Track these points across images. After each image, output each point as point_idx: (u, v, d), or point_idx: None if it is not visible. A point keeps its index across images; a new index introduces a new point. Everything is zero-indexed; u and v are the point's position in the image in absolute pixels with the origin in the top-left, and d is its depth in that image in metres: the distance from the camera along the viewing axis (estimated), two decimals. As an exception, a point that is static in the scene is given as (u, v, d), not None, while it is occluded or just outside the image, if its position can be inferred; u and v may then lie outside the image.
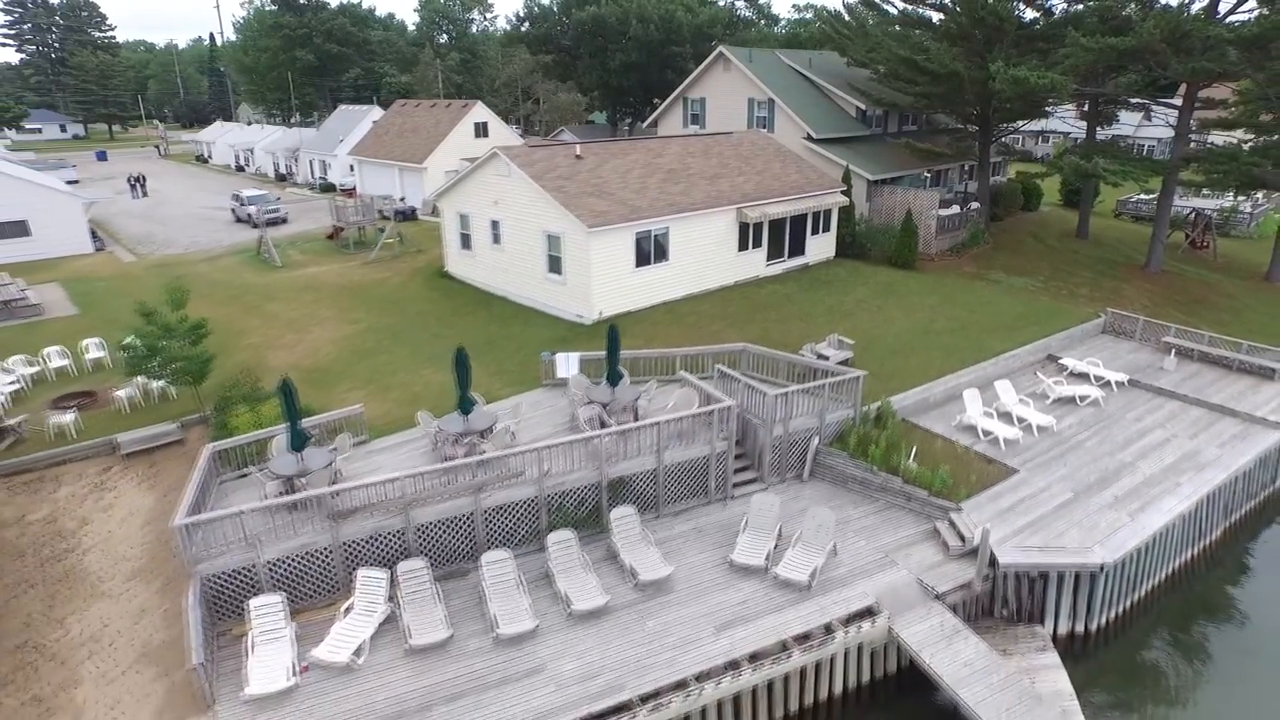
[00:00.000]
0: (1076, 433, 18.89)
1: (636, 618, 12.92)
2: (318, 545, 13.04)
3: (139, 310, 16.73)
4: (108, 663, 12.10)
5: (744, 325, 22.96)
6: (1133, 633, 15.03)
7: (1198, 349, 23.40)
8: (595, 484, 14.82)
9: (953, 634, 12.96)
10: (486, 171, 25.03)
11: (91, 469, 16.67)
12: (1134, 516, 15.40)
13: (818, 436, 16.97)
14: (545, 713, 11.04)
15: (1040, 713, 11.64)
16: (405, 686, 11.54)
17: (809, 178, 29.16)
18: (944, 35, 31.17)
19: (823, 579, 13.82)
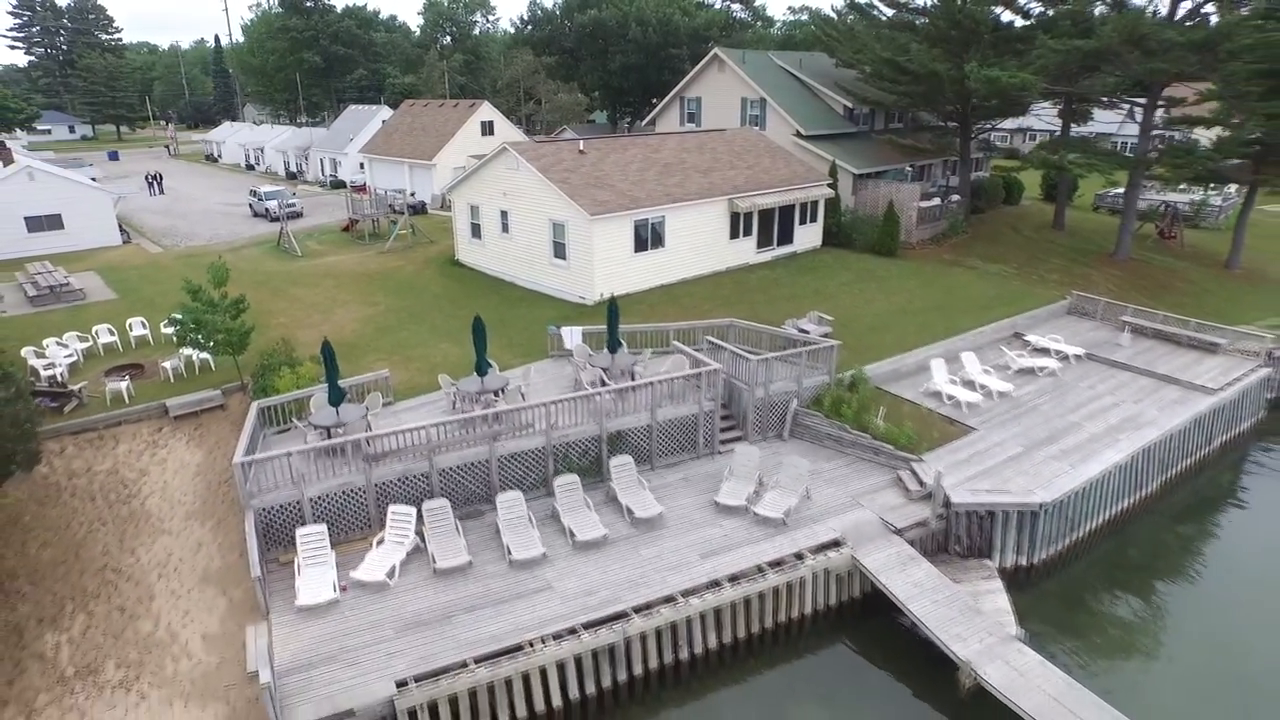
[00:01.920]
0: (1033, 398, 20.83)
1: (631, 548, 14.85)
2: (354, 485, 14.97)
3: (186, 288, 18.65)
4: (175, 583, 14.03)
5: (734, 305, 24.86)
6: (1072, 567, 16.92)
7: (1151, 326, 25.34)
8: (596, 437, 16.75)
9: (907, 561, 14.87)
10: (496, 165, 26.97)
11: (145, 429, 18.61)
12: (1074, 466, 17.32)
13: (796, 399, 18.89)
14: (551, 619, 12.96)
15: (978, 622, 13.55)
16: (430, 601, 13.47)
17: (797, 172, 31.09)
18: (925, 37, 33.05)
19: (796, 517, 15.73)
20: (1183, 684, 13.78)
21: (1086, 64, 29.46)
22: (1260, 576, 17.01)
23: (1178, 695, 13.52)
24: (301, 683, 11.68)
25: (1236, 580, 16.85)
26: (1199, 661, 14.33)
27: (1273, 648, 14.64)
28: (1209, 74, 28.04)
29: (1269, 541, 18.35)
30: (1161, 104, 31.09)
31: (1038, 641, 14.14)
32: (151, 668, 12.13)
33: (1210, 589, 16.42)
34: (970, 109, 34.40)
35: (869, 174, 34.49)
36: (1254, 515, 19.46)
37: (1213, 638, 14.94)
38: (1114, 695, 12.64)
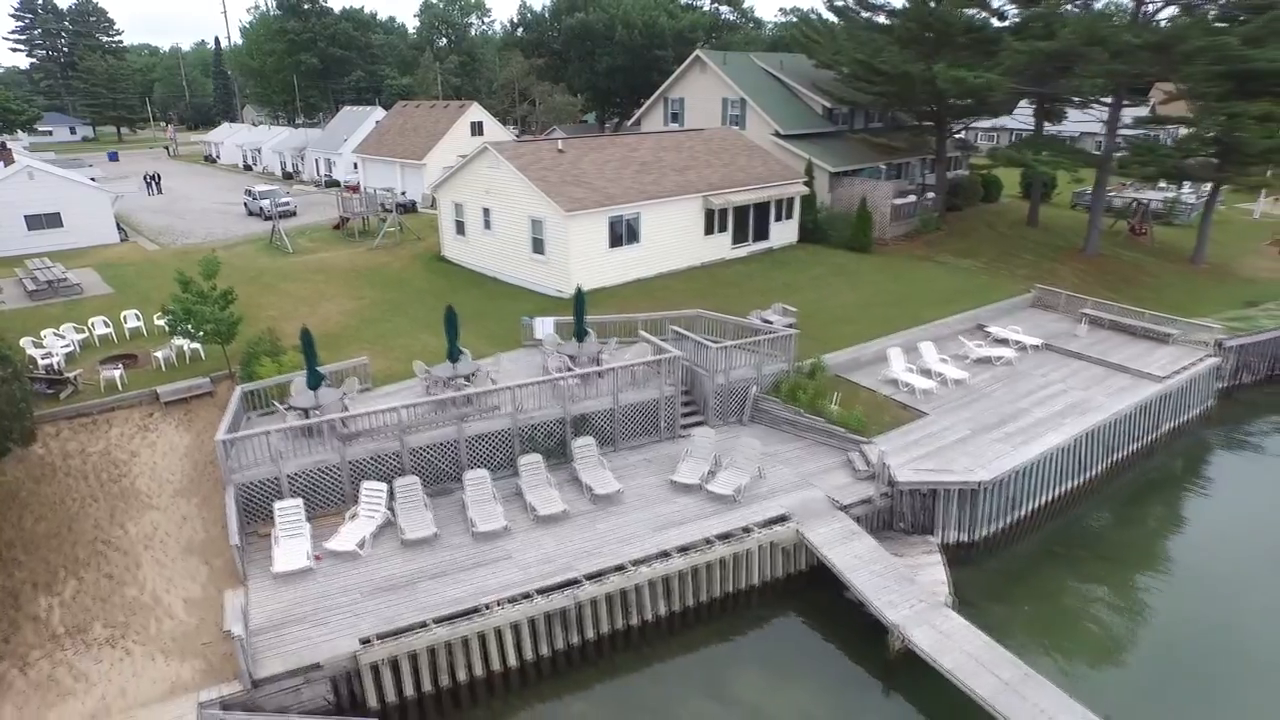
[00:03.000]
0: (986, 385, 21.75)
1: (589, 522, 15.79)
2: (330, 462, 15.93)
3: (178, 279, 19.63)
4: (161, 554, 14.98)
5: (706, 298, 25.77)
6: (1014, 544, 17.83)
7: (1108, 318, 26.24)
8: (560, 419, 17.69)
9: (850, 535, 15.79)
10: (478, 164, 27.93)
11: (137, 414, 19.57)
12: (1016, 448, 18.23)
13: (756, 385, 19.82)
14: (509, 585, 13.91)
15: (911, 591, 14.44)
16: (398, 569, 14.42)
17: (773, 170, 32.01)
18: (897, 39, 33.95)
19: (748, 495, 16.66)
20: (1103, 649, 14.69)
21: (1054, 65, 30.30)
22: (1190, 554, 17.91)
23: (1097, 657, 14.43)
24: (273, 640, 12.64)
25: (1167, 557, 17.79)
26: (1121, 630, 15.25)
27: (1193, 619, 15.53)
28: (1170, 75, 28.97)
29: (1205, 521, 19.26)
30: (1126, 103, 31.98)
31: (972, 611, 15.02)
32: (136, 627, 13.09)
33: (1142, 565, 17.30)
34: (945, 109, 35.29)
35: (845, 172, 35.40)
36: (1193, 497, 20.37)
37: (1136, 609, 15.89)
38: (1036, 657, 13.62)
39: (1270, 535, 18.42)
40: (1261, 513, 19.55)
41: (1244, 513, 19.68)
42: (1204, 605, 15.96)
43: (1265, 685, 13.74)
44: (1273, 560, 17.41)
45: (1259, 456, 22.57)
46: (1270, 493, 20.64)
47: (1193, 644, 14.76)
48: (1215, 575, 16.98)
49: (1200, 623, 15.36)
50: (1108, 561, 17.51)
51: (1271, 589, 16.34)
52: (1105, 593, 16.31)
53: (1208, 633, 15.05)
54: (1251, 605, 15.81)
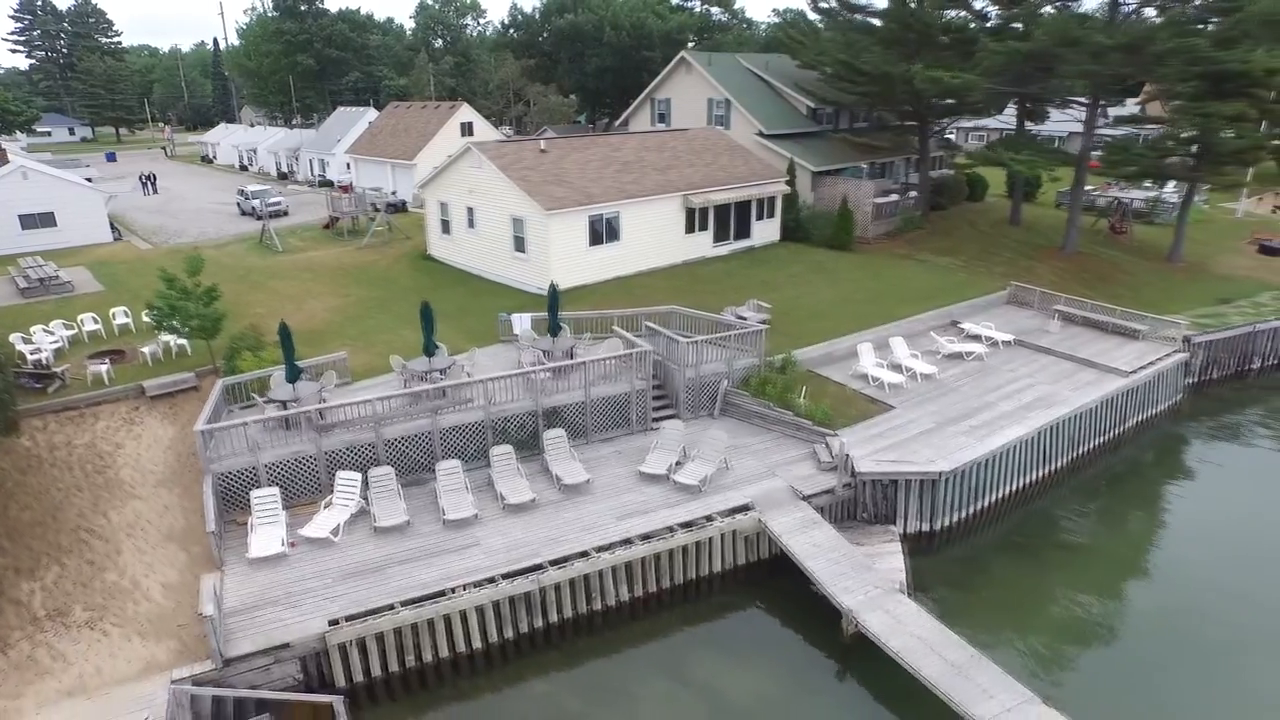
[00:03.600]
0: (955, 380, 22.20)
1: (556, 510, 16.27)
2: (306, 453, 16.42)
3: (162, 276, 20.12)
4: (141, 541, 15.47)
5: (684, 295, 26.21)
6: (975, 534, 18.29)
7: (1081, 314, 26.69)
8: (533, 412, 18.18)
9: (810, 524, 16.25)
10: (462, 164, 28.42)
11: (123, 408, 20.06)
12: (979, 440, 18.69)
13: (726, 380, 20.28)
14: (475, 570, 14.39)
15: (867, 577, 14.88)
16: (370, 555, 14.91)
17: (754, 169, 32.47)
18: (879, 40, 34.40)
19: (713, 485, 17.12)
20: (1054, 634, 15.12)
21: (1032, 66, 30.71)
22: (1149, 544, 18.37)
23: (1047, 641, 14.86)
24: (246, 621, 13.13)
25: (1126, 546, 18.19)
26: (1073, 615, 15.69)
27: (1145, 606, 15.99)
28: (1145, 76, 29.41)
29: (1166, 513, 19.74)
30: (1104, 103, 32.41)
31: (929, 597, 15.54)
32: (114, 610, 13.58)
33: (1100, 554, 17.75)
34: (926, 109, 35.74)
35: (828, 171, 35.85)
36: (1157, 490, 20.83)
37: (1090, 596, 16.29)
38: (988, 641, 14.08)
39: (1230, 526, 18.88)
40: (1223, 504, 20.00)
41: (1206, 504, 20.13)
42: (1157, 593, 16.45)
43: (1210, 670, 14.17)
44: (1230, 549, 17.83)
45: (1224, 450, 22.98)
46: (1233, 485, 21.06)
47: (1142, 630, 15.20)
48: (1172, 564, 17.46)
49: (1152, 610, 15.82)
50: (1067, 551, 17.98)
51: (1227, 577, 16.74)
52: (1061, 580, 16.73)
53: (1158, 619, 15.50)
54: (1206, 593, 16.21)
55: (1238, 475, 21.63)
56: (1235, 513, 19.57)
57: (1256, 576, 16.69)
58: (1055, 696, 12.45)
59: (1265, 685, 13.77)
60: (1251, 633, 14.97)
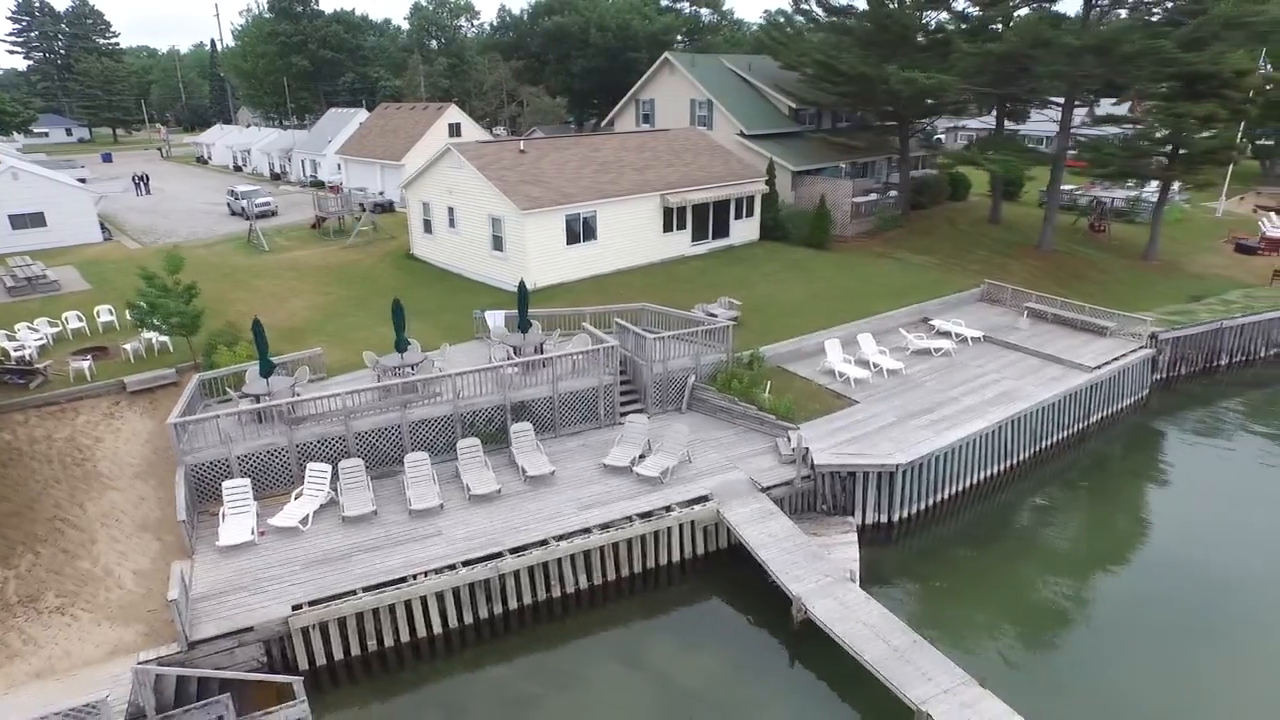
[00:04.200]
0: (922, 375, 22.62)
1: (520, 501, 16.72)
2: (278, 445, 16.88)
3: (141, 274, 20.59)
4: (116, 531, 15.93)
5: (659, 293, 26.65)
6: (934, 525, 18.69)
7: (1051, 311, 27.11)
8: (501, 406, 18.63)
9: (767, 515, 16.68)
10: (442, 165, 28.88)
11: (104, 403, 20.52)
12: (938, 433, 19.11)
13: (694, 375, 20.73)
14: (436, 558, 14.83)
15: (819, 566, 15.30)
16: (337, 543, 15.36)
17: (733, 169, 32.91)
18: (857, 41, 34.84)
19: (675, 477, 17.56)
20: (1001, 620, 15.57)
21: (1007, 67, 31.15)
22: (1105, 535, 18.78)
23: (994, 628, 15.34)
24: (212, 606, 13.59)
25: (1082, 538, 18.65)
26: (1020, 603, 16.14)
27: (1094, 595, 16.41)
28: (1117, 77, 29.83)
29: (1123, 505, 20.14)
30: (1079, 103, 32.85)
31: (883, 586, 15.99)
32: (85, 597, 14.04)
33: (1055, 545, 18.20)
34: (904, 109, 36.13)
35: (807, 171, 36.30)
36: (1117, 483, 21.26)
37: (1041, 584, 16.75)
38: (935, 627, 14.52)
39: (1188, 518, 19.32)
40: (1183, 497, 20.48)
41: (1165, 497, 20.62)
42: (1110, 583, 16.83)
43: (1155, 658, 14.51)
44: (1187, 541, 18.21)
45: (1187, 445, 23.41)
46: (1193, 478, 21.47)
47: (1091, 618, 15.58)
48: (1127, 555, 17.87)
49: (1102, 599, 16.22)
50: (1024, 542, 18.39)
51: (1181, 568, 17.12)
52: (1016, 571, 17.17)
53: (1108, 608, 15.88)
54: (1158, 584, 16.64)
55: (1199, 469, 22.03)
56: (1194, 505, 20.03)
57: (1210, 567, 17.05)
58: (994, 680, 12.86)
59: (1207, 673, 14.12)
60: (1200, 621, 15.34)
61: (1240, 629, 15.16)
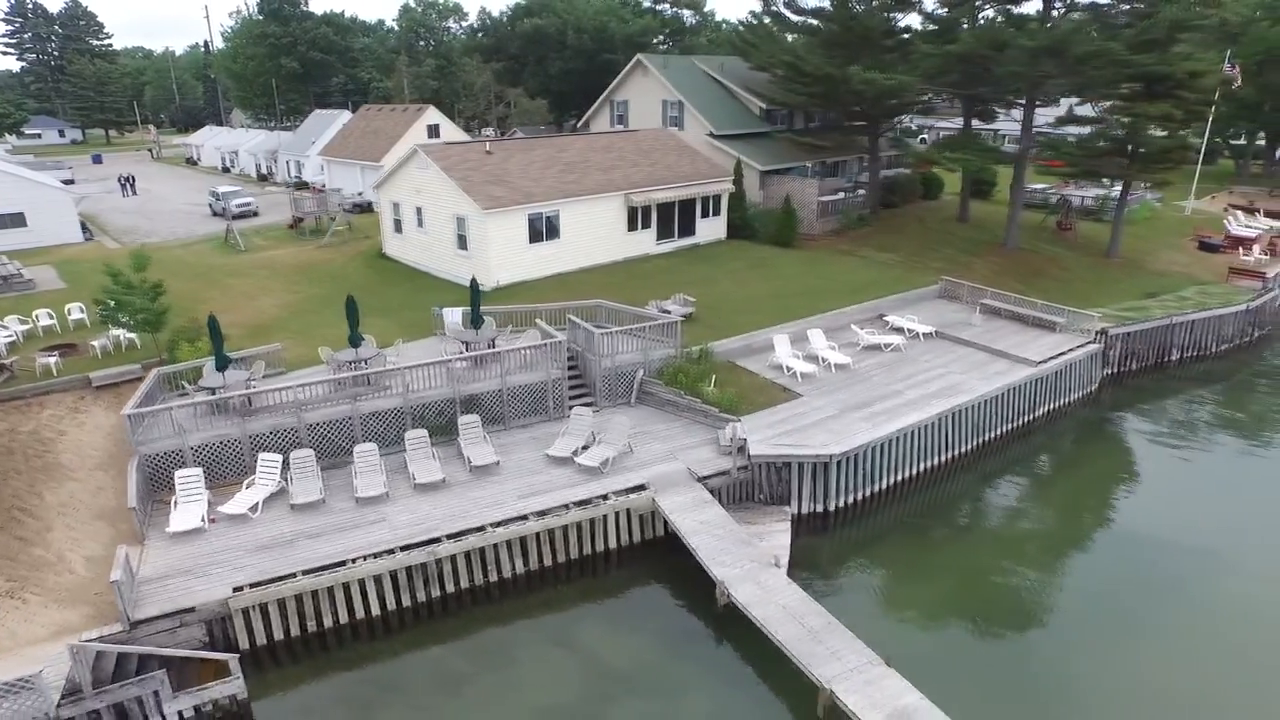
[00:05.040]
0: (870, 370, 23.23)
1: (464, 490, 17.32)
2: (231, 436, 17.48)
3: (107, 272, 21.18)
4: (72, 519, 16.53)
5: (620, 291, 27.23)
6: (872, 514, 19.22)
7: (1005, 308, 27.71)
8: (450, 399, 19.23)
9: (701, 504, 17.26)
10: (410, 166, 29.49)
11: (69, 398, 21.10)
12: (875, 425, 19.70)
13: (642, 369, 21.32)
14: (377, 543, 15.44)
15: (745, 552, 15.87)
16: (283, 530, 15.97)
17: (700, 168, 33.51)
18: (824, 43, 35.44)
19: (617, 467, 18.16)
20: (924, 607, 16.16)
21: (968, 68, 31.71)
22: (1040, 525, 19.36)
23: (910, 611, 15.98)
24: (157, 589, 14.19)
25: (1017, 527, 19.23)
26: (940, 588, 16.74)
27: (1017, 583, 17.01)
28: (1072, 78, 30.42)
29: (1060, 496, 20.75)
30: (1040, 104, 33.45)
31: (812, 573, 16.61)
32: (36, 581, 14.64)
33: (989, 535, 18.81)
34: (871, 108, 36.71)
35: (775, 170, 36.90)
36: (1057, 475, 21.94)
37: (966, 572, 17.37)
38: (857, 610, 15.13)
39: (1124, 510, 19.94)
40: (1121, 490, 21.07)
41: (1104, 489, 21.16)
42: (1037, 571, 17.33)
43: (1071, 642, 15.05)
44: (1120, 533, 18.79)
45: (1131, 438, 24.00)
46: (1134, 470, 22.12)
47: (1013, 606, 16.17)
48: (1059, 546, 18.37)
49: (1028, 587, 16.78)
50: (959, 531, 18.98)
51: (1112, 560, 17.71)
52: (946, 559, 17.76)
53: (1032, 597, 16.49)
54: (1089, 575, 17.22)
55: (1142, 462, 22.64)
56: (1133, 497, 20.67)
57: (1142, 558, 17.60)
58: (907, 661, 13.40)
59: (1124, 658, 14.51)
60: (1123, 609, 15.86)
61: (1165, 618, 15.66)
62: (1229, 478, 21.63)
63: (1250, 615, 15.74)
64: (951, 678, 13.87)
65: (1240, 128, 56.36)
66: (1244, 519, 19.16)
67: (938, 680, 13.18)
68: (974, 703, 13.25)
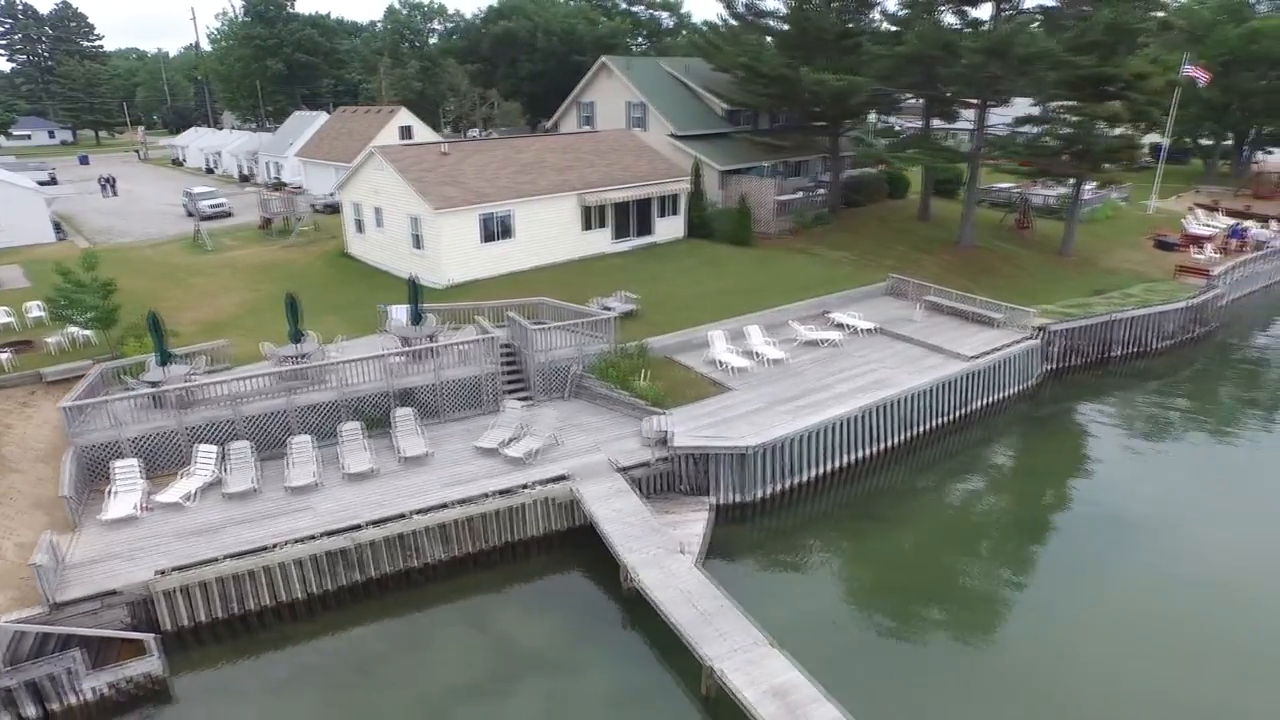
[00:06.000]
0: (804, 365, 23.83)
1: (392, 479, 17.97)
2: (169, 428, 18.12)
3: (58, 270, 21.83)
4: (10, 508, 17.15)
5: (571, 289, 27.83)
6: (795, 505, 19.78)
7: (948, 304, 28.34)
8: (386, 392, 19.87)
9: (618, 493, 17.88)
10: (368, 167, 30.13)
11: (20, 392, 21.76)
12: (797, 418, 20.32)
13: (578, 364, 21.96)
14: (300, 529, 16.08)
15: (655, 539, 16.45)
16: (215, 517, 16.62)
17: (658, 169, 34.13)
18: (781, 44, 36.05)
19: (543, 458, 18.79)
20: (824, 593, 16.83)
21: (914, 69, 32.34)
22: (960, 517, 19.88)
23: (815, 600, 16.60)
24: (83, 573, 14.84)
25: (935, 519, 19.65)
26: (849, 578, 17.41)
27: (928, 572, 17.58)
28: (1019, 78, 31.04)
29: (987, 488, 21.35)
30: (993, 104, 34.04)
31: (727, 560, 17.23)
32: (-33, 566, 15.28)
33: (907, 525, 19.22)
34: (829, 108, 37.28)
35: (735, 170, 37.51)
36: (985, 467, 22.47)
37: (874, 560, 18.03)
38: (760, 596, 15.73)
39: (1041, 498, 20.56)
40: (1043, 479, 21.63)
41: (1027, 480, 21.84)
42: (949, 558, 17.88)
43: (965, 628, 15.74)
44: (1041, 528, 19.32)
45: (1064, 431, 24.60)
46: (1066, 464, 22.62)
47: (912, 595, 16.65)
48: (974, 534, 18.96)
49: (935, 574, 17.34)
50: (878, 522, 19.40)
51: (1019, 545, 18.41)
52: (860, 547, 18.42)
53: (937, 582, 17.06)
54: (999, 560, 17.89)
55: (1070, 454, 23.22)
56: (1055, 488, 21.22)
57: (1054, 549, 18.24)
58: (798, 643, 13.97)
59: (1021, 652, 15.01)
60: (1032, 600, 16.47)
61: (1072, 604, 16.13)
62: (1157, 468, 22.26)
63: (1153, 610, 16.30)
64: (846, 659, 14.57)
65: (1206, 129, 56.94)
66: (1166, 507, 19.72)
67: (831, 661, 13.90)
68: (864, 681, 13.92)
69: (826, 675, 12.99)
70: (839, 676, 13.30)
